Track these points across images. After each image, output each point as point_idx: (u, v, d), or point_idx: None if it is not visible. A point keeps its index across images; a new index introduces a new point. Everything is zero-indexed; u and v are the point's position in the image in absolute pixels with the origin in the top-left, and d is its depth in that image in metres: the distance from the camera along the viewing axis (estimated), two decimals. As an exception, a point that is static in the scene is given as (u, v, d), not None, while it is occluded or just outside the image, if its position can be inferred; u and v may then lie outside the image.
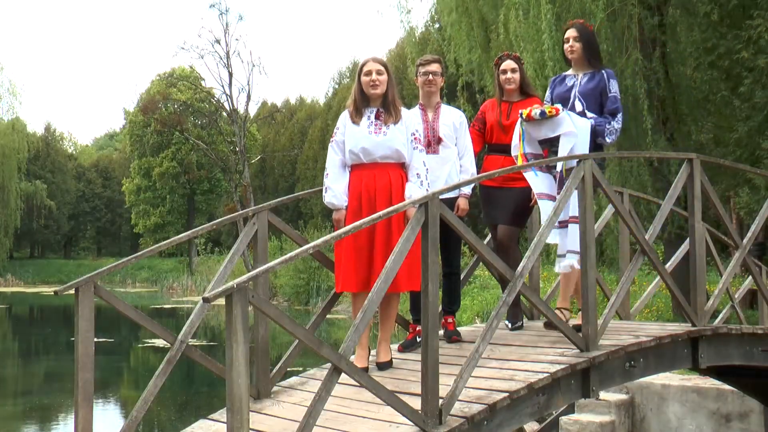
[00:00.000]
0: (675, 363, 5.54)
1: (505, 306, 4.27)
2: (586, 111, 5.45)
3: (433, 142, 5.46)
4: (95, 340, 4.48)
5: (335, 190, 4.99)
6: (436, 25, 20.62)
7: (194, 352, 4.80)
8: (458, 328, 5.75)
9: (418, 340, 5.34)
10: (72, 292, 4.38)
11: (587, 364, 4.61)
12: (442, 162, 5.44)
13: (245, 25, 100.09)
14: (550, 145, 5.44)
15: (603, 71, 5.53)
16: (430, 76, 5.56)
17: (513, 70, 5.90)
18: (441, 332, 5.51)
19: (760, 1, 11.65)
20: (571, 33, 5.58)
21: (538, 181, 5.49)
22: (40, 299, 43.70)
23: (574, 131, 5.27)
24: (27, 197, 57.67)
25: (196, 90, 48.67)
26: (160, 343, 20.47)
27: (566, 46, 5.60)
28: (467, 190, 5.51)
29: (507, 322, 6.11)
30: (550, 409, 4.81)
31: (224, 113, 46.21)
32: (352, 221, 4.69)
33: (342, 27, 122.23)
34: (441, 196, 3.98)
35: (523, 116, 5.41)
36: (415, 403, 3.80)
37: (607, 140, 5.45)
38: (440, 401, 3.82)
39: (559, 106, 5.34)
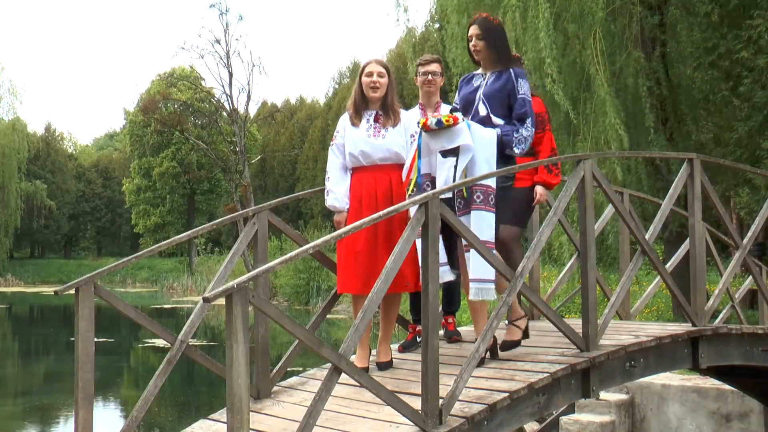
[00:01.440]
0: (675, 363, 5.54)
1: (505, 306, 4.28)
2: (491, 115, 4.80)
3: (432, 142, 5.44)
4: (95, 340, 4.48)
5: (336, 192, 5.01)
6: (436, 25, 20.59)
7: (194, 352, 4.80)
8: (458, 328, 5.75)
9: (418, 340, 5.34)
10: (72, 292, 4.39)
11: (587, 364, 4.61)
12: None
13: (245, 25, 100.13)
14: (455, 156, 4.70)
15: (510, 70, 4.86)
16: (430, 76, 5.55)
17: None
18: (441, 332, 5.52)
19: (760, 1, 11.66)
20: (473, 30, 4.92)
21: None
22: (40, 299, 43.70)
23: (471, 145, 4.59)
24: (27, 197, 57.69)
25: (196, 90, 48.65)
26: (160, 343, 20.48)
27: (470, 45, 4.96)
28: (465, 189, 5.50)
29: (507, 322, 6.11)
30: (550, 409, 4.81)
31: (224, 113, 46.17)
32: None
33: (342, 27, 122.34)
34: (440, 196, 3.98)
35: (419, 125, 4.74)
36: (415, 403, 3.80)
37: (516, 151, 4.77)
38: (440, 401, 3.81)
39: (458, 114, 4.66)
